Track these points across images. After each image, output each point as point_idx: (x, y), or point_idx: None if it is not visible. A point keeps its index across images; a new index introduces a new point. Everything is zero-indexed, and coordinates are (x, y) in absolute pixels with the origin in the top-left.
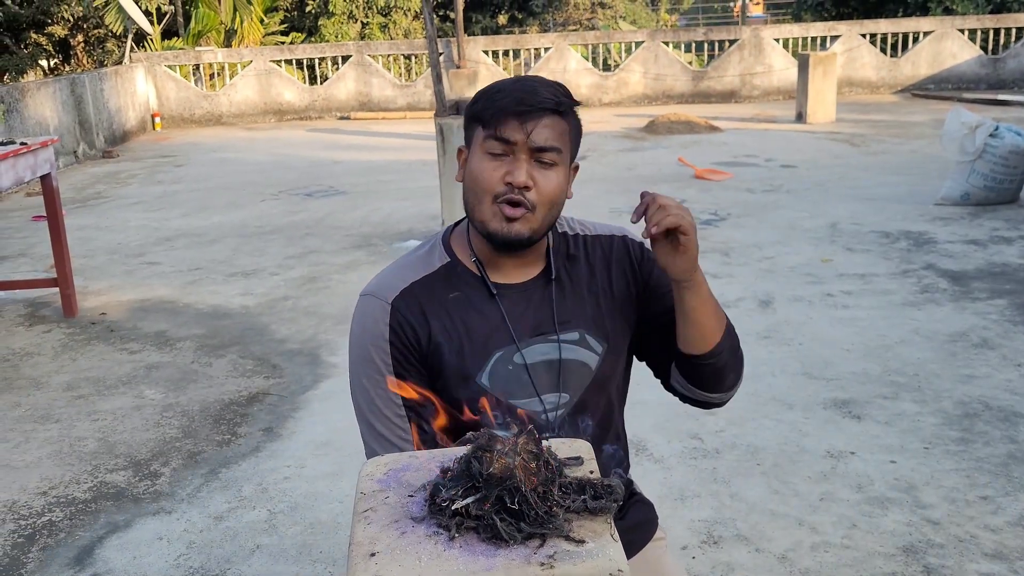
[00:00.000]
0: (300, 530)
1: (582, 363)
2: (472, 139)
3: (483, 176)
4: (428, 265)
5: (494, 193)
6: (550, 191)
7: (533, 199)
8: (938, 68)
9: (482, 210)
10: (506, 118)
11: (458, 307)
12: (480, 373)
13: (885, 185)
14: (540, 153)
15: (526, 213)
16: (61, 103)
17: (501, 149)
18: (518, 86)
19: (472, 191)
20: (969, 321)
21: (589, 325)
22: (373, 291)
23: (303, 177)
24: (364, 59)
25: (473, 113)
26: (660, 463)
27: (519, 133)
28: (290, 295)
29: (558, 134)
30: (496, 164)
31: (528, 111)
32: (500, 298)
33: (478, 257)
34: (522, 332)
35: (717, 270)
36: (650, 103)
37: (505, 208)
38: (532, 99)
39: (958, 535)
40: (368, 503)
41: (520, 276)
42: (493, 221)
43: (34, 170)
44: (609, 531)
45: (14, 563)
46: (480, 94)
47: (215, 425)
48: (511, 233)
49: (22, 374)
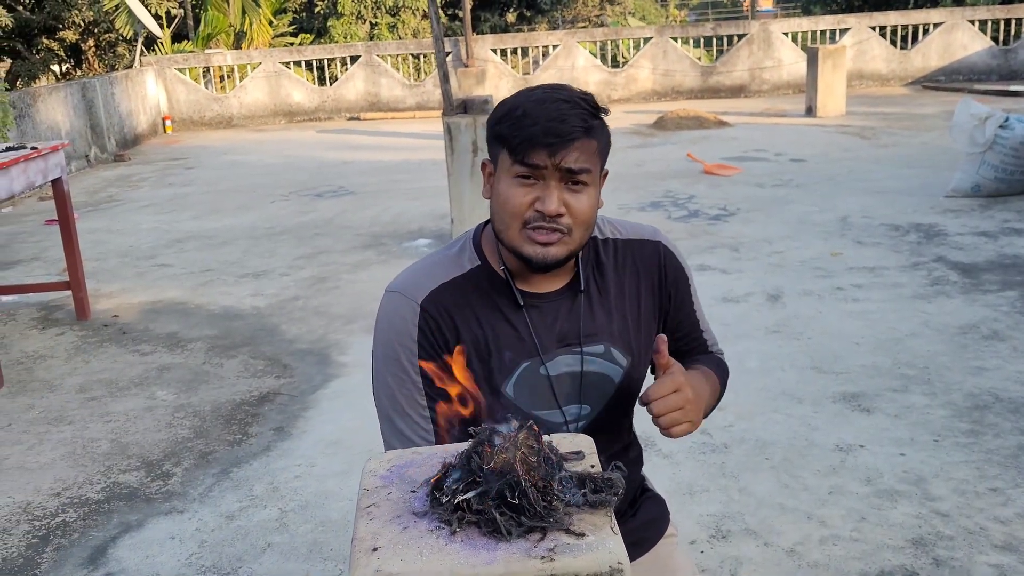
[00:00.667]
0: (311, 528)
1: (605, 376)
2: (498, 159)
3: (512, 202)
4: (459, 266)
5: (523, 219)
6: (583, 213)
7: (568, 224)
8: (949, 60)
9: (512, 236)
10: (535, 148)
11: (487, 314)
12: (506, 383)
13: (895, 178)
14: (571, 176)
15: (563, 237)
16: (72, 107)
17: (530, 174)
18: (545, 112)
19: (500, 216)
20: (979, 313)
21: (615, 339)
22: (401, 289)
23: (313, 178)
24: (373, 59)
25: (498, 135)
26: (669, 458)
27: (550, 163)
28: (300, 295)
29: (589, 155)
30: (525, 190)
31: (558, 142)
32: (528, 308)
33: (507, 266)
34: (549, 343)
35: (727, 265)
36: (659, 99)
37: (537, 235)
38: (561, 128)
39: (968, 527)
40: (371, 499)
41: (549, 286)
42: (525, 246)
43: (45, 174)
44: (609, 524)
45: (28, 563)
46: (504, 114)
47: (226, 425)
48: (547, 257)
49: (35, 376)
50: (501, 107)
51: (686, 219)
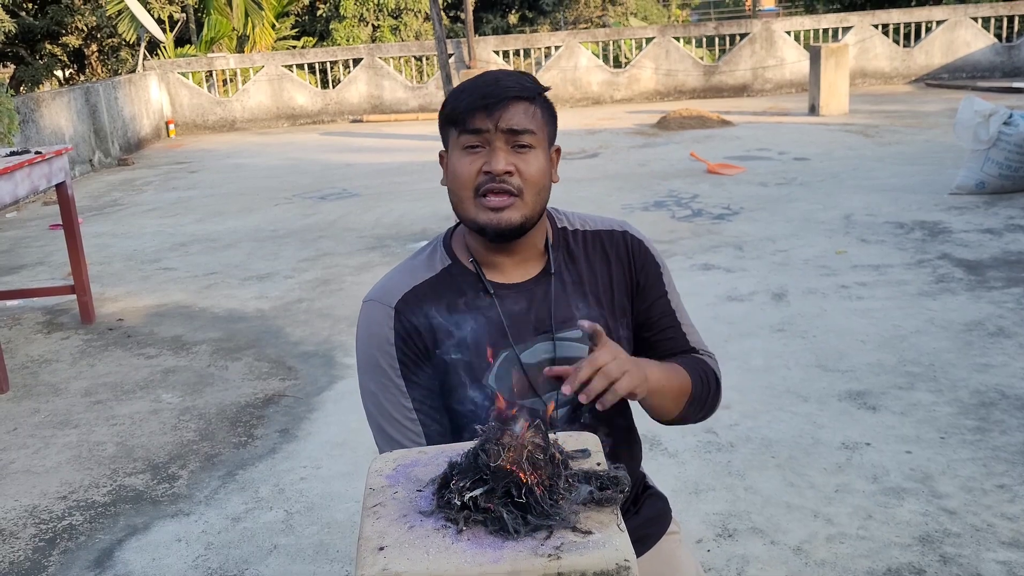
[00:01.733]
0: (317, 530)
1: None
2: (448, 142)
3: (461, 171)
4: (430, 268)
5: (474, 186)
6: (533, 174)
7: (518, 184)
8: (952, 57)
9: (466, 207)
10: (473, 112)
11: (461, 310)
12: (487, 374)
13: (899, 175)
14: (514, 137)
15: (514, 199)
16: (76, 112)
17: (475, 141)
18: (480, 81)
19: (454, 192)
20: (985, 310)
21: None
22: (376, 296)
23: (316, 180)
24: (375, 62)
25: (444, 116)
26: (674, 457)
27: (488, 122)
28: (304, 297)
29: (529, 117)
30: (472, 158)
31: (494, 102)
32: (498, 298)
33: (475, 257)
34: (525, 331)
35: (731, 264)
36: (662, 99)
37: (489, 199)
38: (496, 90)
39: (975, 524)
40: (377, 498)
41: (520, 275)
42: (480, 215)
43: (49, 179)
44: (616, 522)
45: (35, 567)
46: (448, 98)
47: (232, 427)
48: (501, 222)
49: (41, 380)
50: (447, 97)
51: (690, 218)
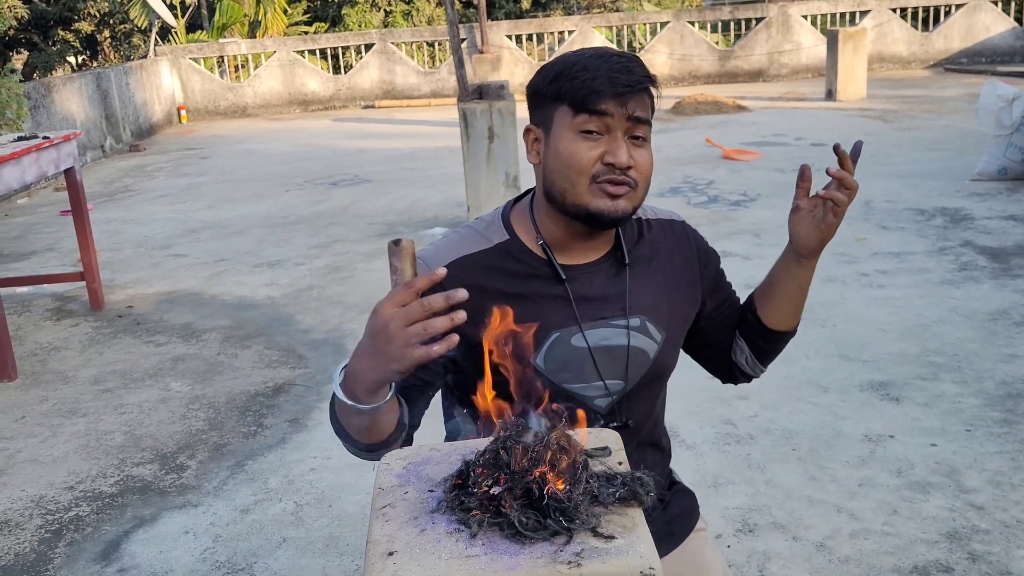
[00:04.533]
0: (327, 522)
1: (642, 351)
2: (553, 119)
3: (579, 157)
4: (486, 240)
5: (592, 174)
6: (646, 168)
7: (636, 177)
8: (971, 41)
9: (579, 192)
10: (604, 98)
11: (516, 286)
12: (536, 354)
13: (919, 161)
14: (635, 129)
15: (630, 191)
16: (87, 98)
17: (596, 127)
18: (608, 65)
19: (564, 174)
20: (1010, 299)
21: (651, 312)
22: (422, 257)
23: (328, 166)
24: (387, 47)
25: (556, 92)
26: (692, 449)
27: (619, 112)
28: (315, 285)
29: (647, 109)
30: (590, 144)
31: (628, 91)
32: (569, 281)
33: (546, 240)
34: (584, 314)
35: (748, 251)
36: (676, 84)
37: (608, 187)
38: (629, 78)
39: (1004, 520)
40: (386, 499)
41: (584, 257)
42: (596, 200)
43: (57, 164)
44: (641, 526)
45: (41, 558)
46: (560, 72)
47: (241, 417)
48: (617, 211)
49: (49, 368)
50: (551, 68)
51: (706, 204)
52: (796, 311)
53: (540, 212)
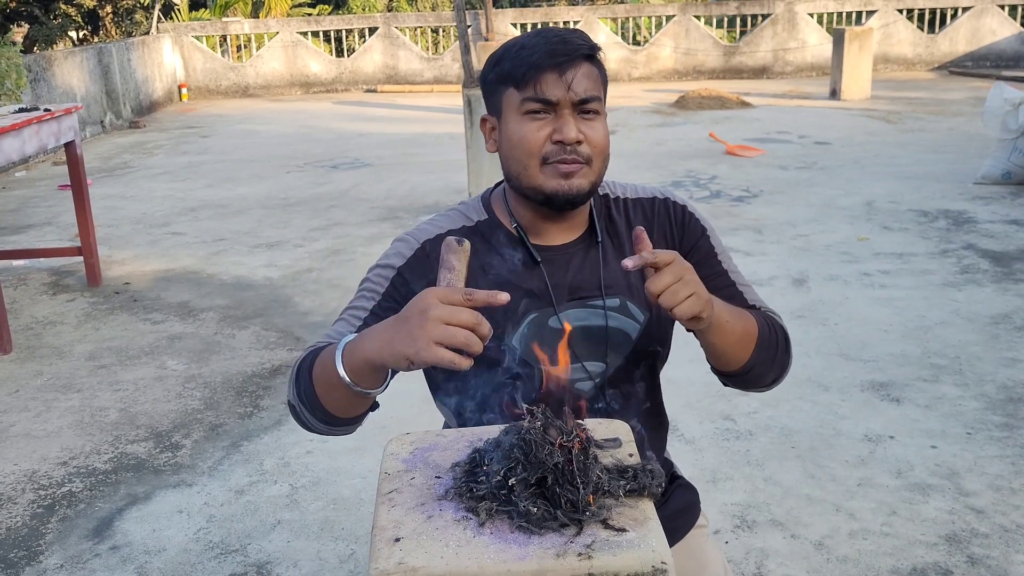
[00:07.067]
0: (322, 505)
1: (623, 332)
2: (502, 104)
3: (528, 139)
4: (465, 219)
5: (542, 155)
6: (600, 141)
7: (587, 152)
8: (977, 45)
9: (531, 175)
10: (542, 73)
11: (493, 263)
12: (511, 334)
13: (923, 163)
14: (583, 104)
15: (583, 168)
16: (88, 73)
17: (542, 107)
18: (544, 38)
19: (515, 158)
20: (1012, 303)
21: (631, 292)
22: (405, 235)
23: (329, 149)
24: (391, 31)
25: (500, 75)
26: (691, 444)
27: (560, 87)
28: (314, 267)
29: (594, 82)
30: (539, 124)
31: (566, 61)
32: (544, 263)
33: (519, 223)
34: (560, 296)
35: (750, 248)
36: (680, 78)
37: (560, 166)
38: (566, 48)
39: (1003, 524)
40: (392, 484)
41: (560, 238)
42: (550, 182)
43: (58, 137)
44: (652, 519)
45: (33, 533)
46: (502, 55)
47: (237, 397)
48: (572, 190)
49: (45, 343)
50: (494, 55)
51: (708, 200)
52: (726, 360)
53: (511, 197)
